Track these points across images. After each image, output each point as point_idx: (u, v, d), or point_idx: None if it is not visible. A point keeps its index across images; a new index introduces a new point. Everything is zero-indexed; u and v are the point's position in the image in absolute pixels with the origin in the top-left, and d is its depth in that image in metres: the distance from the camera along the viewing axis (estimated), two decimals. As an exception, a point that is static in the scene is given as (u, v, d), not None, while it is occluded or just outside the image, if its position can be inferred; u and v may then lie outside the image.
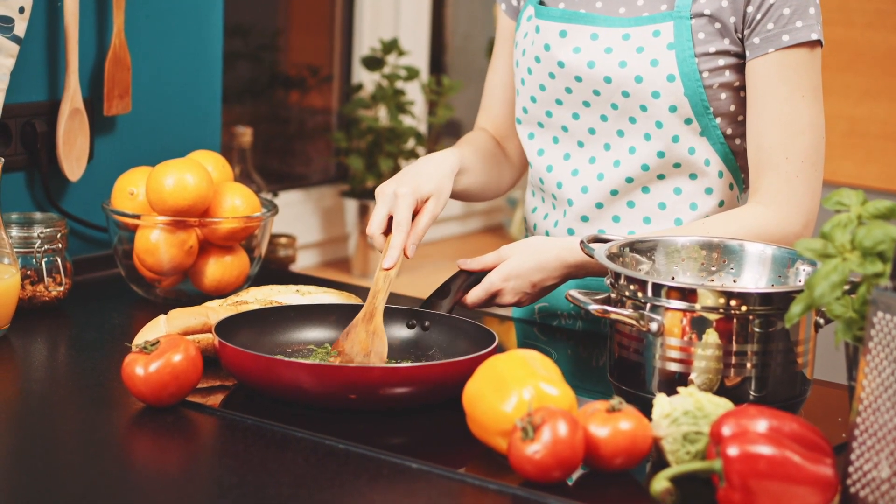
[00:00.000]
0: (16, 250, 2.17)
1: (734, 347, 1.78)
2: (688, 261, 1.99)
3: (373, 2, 3.83)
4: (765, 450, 1.53)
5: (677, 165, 2.12)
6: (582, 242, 1.99)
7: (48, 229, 2.21)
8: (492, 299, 2.10)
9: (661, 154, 2.12)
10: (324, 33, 3.88)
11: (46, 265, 2.21)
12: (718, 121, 2.10)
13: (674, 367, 1.80)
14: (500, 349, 1.87)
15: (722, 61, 2.08)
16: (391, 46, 3.62)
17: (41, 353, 2.10)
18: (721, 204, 2.14)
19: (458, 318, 1.99)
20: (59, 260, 2.22)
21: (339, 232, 3.74)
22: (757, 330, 1.78)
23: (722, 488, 1.55)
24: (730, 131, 2.12)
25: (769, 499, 1.52)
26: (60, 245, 2.22)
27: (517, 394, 1.65)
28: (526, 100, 2.21)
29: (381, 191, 2.07)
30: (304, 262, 3.63)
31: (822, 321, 1.85)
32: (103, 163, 2.50)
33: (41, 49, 2.38)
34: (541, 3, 2.21)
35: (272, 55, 3.89)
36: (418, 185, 2.07)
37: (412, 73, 3.62)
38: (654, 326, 1.80)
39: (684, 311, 1.78)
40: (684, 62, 2.07)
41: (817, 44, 2.06)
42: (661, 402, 1.66)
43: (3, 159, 2.08)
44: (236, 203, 2.30)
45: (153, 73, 2.56)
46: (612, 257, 1.91)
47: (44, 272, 2.20)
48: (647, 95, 2.09)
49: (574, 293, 1.86)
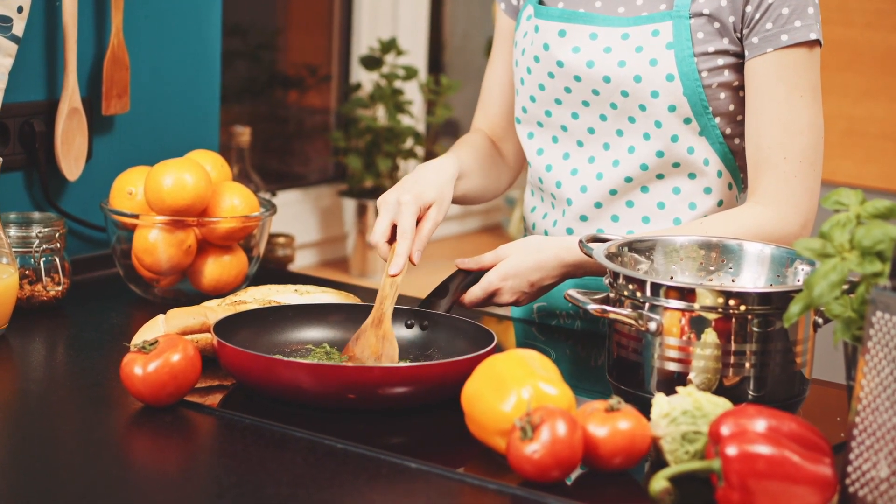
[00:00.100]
0: (14, 250, 2.17)
1: (733, 347, 1.78)
2: (686, 260, 1.98)
3: (371, 1, 3.83)
4: (763, 449, 1.53)
5: (676, 165, 2.12)
6: (580, 242, 1.99)
7: (46, 229, 2.21)
8: (490, 299, 2.10)
9: (660, 154, 2.12)
10: (322, 33, 3.87)
11: (45, 265, 2.21)
12: (717, 120, 2.10)
13: (672, 366, 1.80)
14: (499, 349, 1.87)
15: (721, 61, 2.08)
16: (389, 46, 3.62)
17: (39, 352, 2.10)
18: (720, 203, 2.14)
19: (457, 318, 1.99)
20: (57, 260, 2.22)
21: (338, 231, 3.74)
22: (755, 329, 1.78)
23: (721, 488, 1.55)
24: (729, 131, 2.12)
25: (768, 498, 1.52)
26: (59, 245, 2.22)
27: (516, 393, 1.65)
28: (525, 99, 2.21)
29: (384, 200, 2.07)
30: (302, 261, 3.63)
31: (820, 321, 1.85)
32: (102, 162, 2.50)
33: (39, 48, 2.38)
34: (540, 2, 2.21)
35: (271, 55, 3.89)
36: (421, 193, 2.07)
37: (410, 73, 3.62)
38: (652, 326, 1.80)
39: (683, 310, 1.78)
40: (683, 62, 2.07)
41: (816, 43, 2.06)
42: (659, 401, 1.66)
43: (1, 159, 2.08)
44: (235, 203, 2.30)
45: (152, 73, 2.56)
46: (610, 257, 1.91)
47: (42, 272, 2.20)
48: (647, 95, 2.09)
49: (573, 293, 1.86)
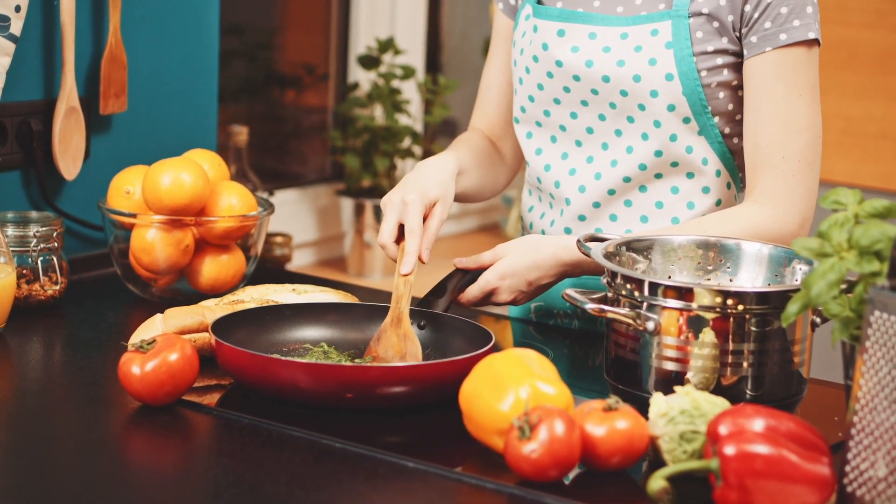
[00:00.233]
0: (12, 249, 2.17)
1: (731, 346, 1.78)
2: (684, 260, 1.98)
3: (369, 1, 3.82)
4: (761, 449, 1.53)
5: (675, 164, 2.12)
6: (578, 241, 1.99)
7: (44, 228, 2.21)
8: (488, 298, 2.10)
9: (658, 153, 2.12)
10: (320, 32, 3.87)
11: (42, 264, 2.20)
12: (716, 120, 2.10)
13: (670, 366, 1.80)
14: (497, 348, 1.87)
15: (720, 60, 2.08)
16: (387, 45, 3.61)
17: (37, 352, 2.10)
18: (718, 203, 2.14)
19: (455, 317, 1.99)
20: (54, 259, 2.22)
21: (335, 231, 3.73)
22: (753, 329, 1.78)
23: (719, 487, 1.55)
24: (728, 130, 2.12)
25: (766, 498, 1.52)
26: (56, 244, 2.22)
27: (514, 393, 1.65)
28: (524, 99, 2.21)
29: (389, 200, 2.07)
30: (299, 260, 3.62)
31: (818, 320, 1.85)
32: (99, 162, 2.49)
33: (37, 48, 2.37)
34: (539, 2, 2.20)
35: (268, 54, 3.89)
36: (425, 191, 2.07)
37: (408, 72, 3.62)
38: (650, 325, 1.80)
39: (681, 310, 1.78)
40: (682, 61, 2.07)
41: (815, 42, 2.06)
42: (657, 401, 1.66)
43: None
44: (232, 202, 2.30)
45: (149, 72, 2.56)
46: (608, 256, 1.91)
47: (40, 271, 2.20)
48: (646, 94, 2.09)
49: (571, 292, 1.86)
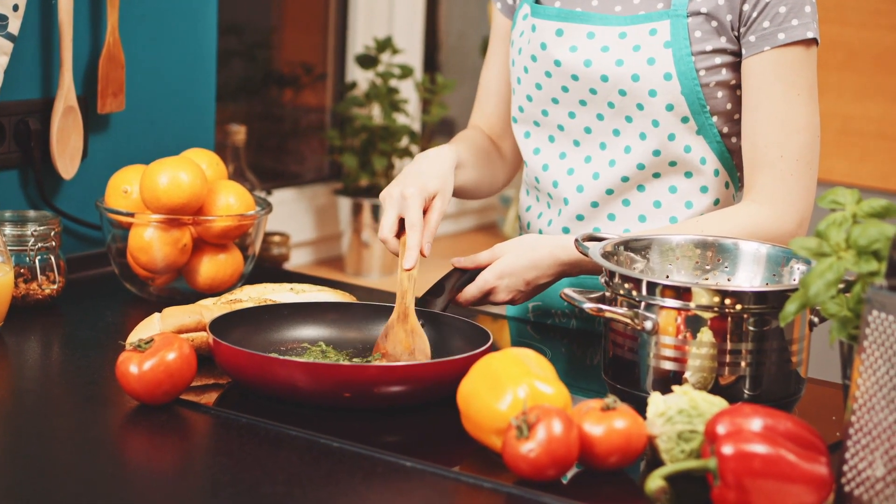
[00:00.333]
0: (9, 248, 2.16)
1: (728, 346, 1.78)
2: (682, 259, 1.98)
3: (367, 0, 3.82)
4: (759, 448, 1.53)
5: (673, 164, 2.12)
6: (576, 241, 1.98)
7: (42, 227, 2.20)
8: (486, 297, 2.10)
9: (656, 152, 2.12)
10: (318, 31, 3.87)
11: (40, 263, 2.20)
12: (715, 119, 2.10)
13: (668, 365, 1.80)
14: (495, 348, 1.87)
15: (718, 59, 2.08)
16: (385, 45, 3.61)
17: (35, 351, 2.10)
18: (716, 202, 2.14)
19: (453, 317, 1.99)
20: (52, 258, 2.22)
21: (333, 230, 3.73)
22: (751, 328, 1.78)
23: (716, 487, 1.55)
24: (726, 129, 2.12)
25: (764, 497, 1.52)
26: (54, 243, 2.22)
27: (512, 392, 1.65)
28: (522, 98, 2.21)
29: (388, 194, 2.07)
30: (297, 260, 3.62)
31: (816, 320, 1.85)
32: (97, 161, 2.49)
33: (35, 47, 2.37)
34: (537, 1, 2.20)
35: (266, 53, 3.89)
36: (424, 185, 2.07)
37: (406, 72, 3.62)
38: (648, 325, 1.80)
39: (679, 309, 1.78)
40: (681, 60, 2.07)
41: (813, 42, 2.06)
42: (655, 400, 1.66)
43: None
44: (230, 201, 2.30)
45: (147, 71, 2.56)
46: (606, 255, 1.91)
47: (37, 270, 2.20)
48: (644, 94, 2.09)
49: (569, 291, 1.86)
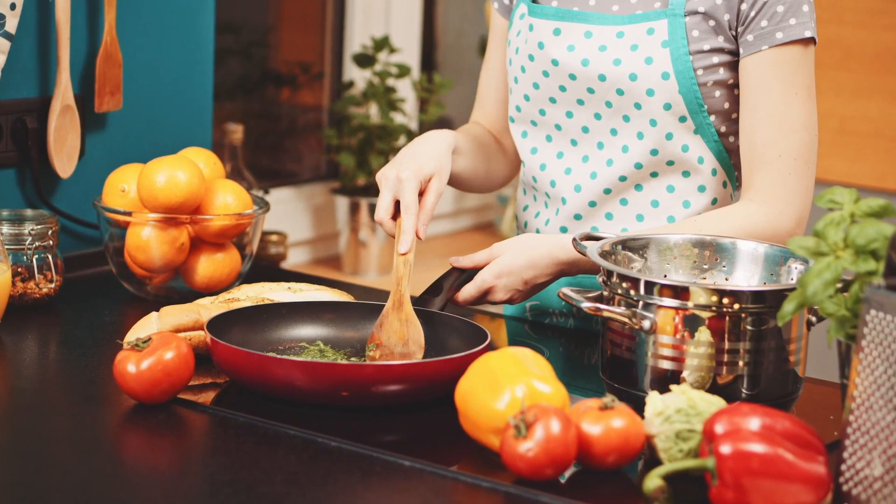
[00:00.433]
0: (7, 247, 2.16)
1: (726, 345, 1.78)
2: (680, 258, 1.98)
3: (364, -1, 3.82)
4: (758, 448, 1.53)
5: (670, 163, 2.12)
6: (574, 240, 1.98)
7: (39, 226, 2.20)
8: (484, 297, 2.10)
9: (654, 152, 2.12)
10: (315, 30, 3.87)
11: (37, 262, 2.20)
12: (712, 118, 2.10)
13: (666, 364, 1.80)
14: (492, 347, 1.87)
15: (716, 59, 2.08)
16: (382, 44, 3.61)
17: (32, 350, 2.09)
18: (714, 202, 2.14)
19: (451, 316, 1.99)
20: (49, 257, 2.21)
21: (330, 229, 3.73)
22: (749, 328, 1.78)
23: (714, 486, 1.55)
24: (724, 129, 2.12)
25: (762, 497, 1.52)
26: (51, 242, 2.22)
27: (510, 391, 1.65)
28: (519, 98, 2.21)
29: (384, 175, 2.06)
30: (294, 259, 3.62)
31: (814, 319, 1.85)
32: (94, 160, 2.49)
33: (32, 45, 2.37)
34: (534, 1, 2.20)
35: (263, 52, 3.89)
36: (420, 167, 2.07)
37: (403, 71, 3.62)
38: (646, 324, 1.80)
39: (677, 308, 1.78)
40: (679, 60, 2.07)
41: (811, 41, 2.06)
42: (653, 399, 1.66)
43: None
44: (228, 200, 2.30)
45: (144, 70, 2.56)
46: (604, 255, 1.91)
47: (35, 269, 2.20)
48: (642, 93, 2.09)
49: (567, 291, 1.86)
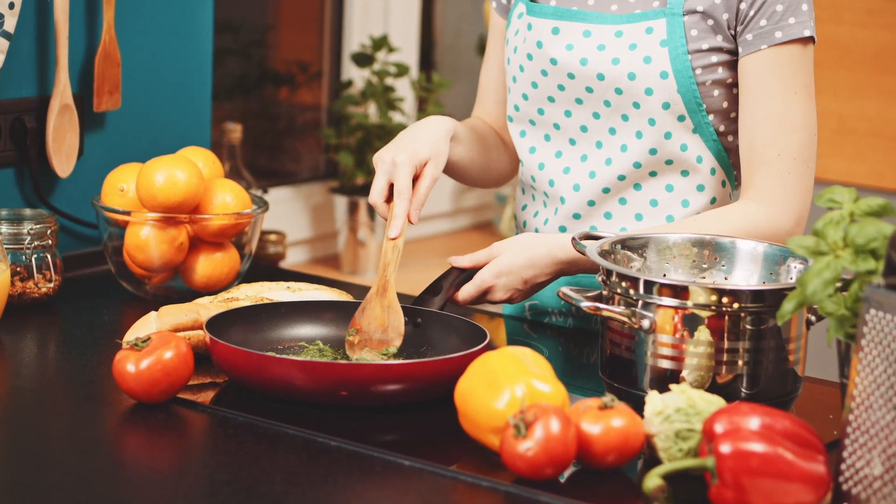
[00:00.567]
0: (5, 247, 2.16)
1: (726, 345, 1.78)
2: (679, 258, 1.98)
3: (362, -2, 3.82)
4: (757, 447, 1.53)
5: (669, 162, 2.12)
6: (573, 239, 1.98)
7: (38, 226, 2.20)
8: (483, 296, 2.10)
9: (653, 151, 2.12)
10: (313, 30, 3.87)
11: (36, 262, 2.20)
12: (711, 118, 2.10)
13: (666, 364, 1.80)
14: (492, 346, 1.87)
15: (715, 58, 2.08)
16: (381, 43, 3.61)
17: (31, 350, 2.09)
18: (713, 201, 2.14)
19: (450, 315, 1.99)
20: (48, 256, 2.21)
21: (329, 229, 3.73)
22: (748, 327, 1.78)
23: (714, 485, 1.55)
24: (722, 128, 2.12)
25: (761, 496, 1.52)
26: (50, 241, 2.22)
27: (509, 391, 1.65)
28: (518, 97, 2.21)
29: (380, 158, 2.07)
30: (293, 258, 3.62)
31: (813, 318, 1.85)
32: (93, 159, 2.49)
33: (31, 45, 2.37)
34: (532, 0, 2.20)
35: (262, 51, 3.89)
36: (415, 151, 2.07)
37: (402, 70, 3.62)
38: (645, 323, 1.80)
39: (676, 308, 1.78)
40: (677, 59, 2.07)
41: (810, 40, 2.06)
42: (653, 399, 1.66)
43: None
44: (227, 200, 2.30)
45: (143, 70, 2.56)
46: (603, 254, 1.91)
47: (34, 269, 2.20)
48: (640, 92, 2.09)
49: (566, 290, 1.86)
